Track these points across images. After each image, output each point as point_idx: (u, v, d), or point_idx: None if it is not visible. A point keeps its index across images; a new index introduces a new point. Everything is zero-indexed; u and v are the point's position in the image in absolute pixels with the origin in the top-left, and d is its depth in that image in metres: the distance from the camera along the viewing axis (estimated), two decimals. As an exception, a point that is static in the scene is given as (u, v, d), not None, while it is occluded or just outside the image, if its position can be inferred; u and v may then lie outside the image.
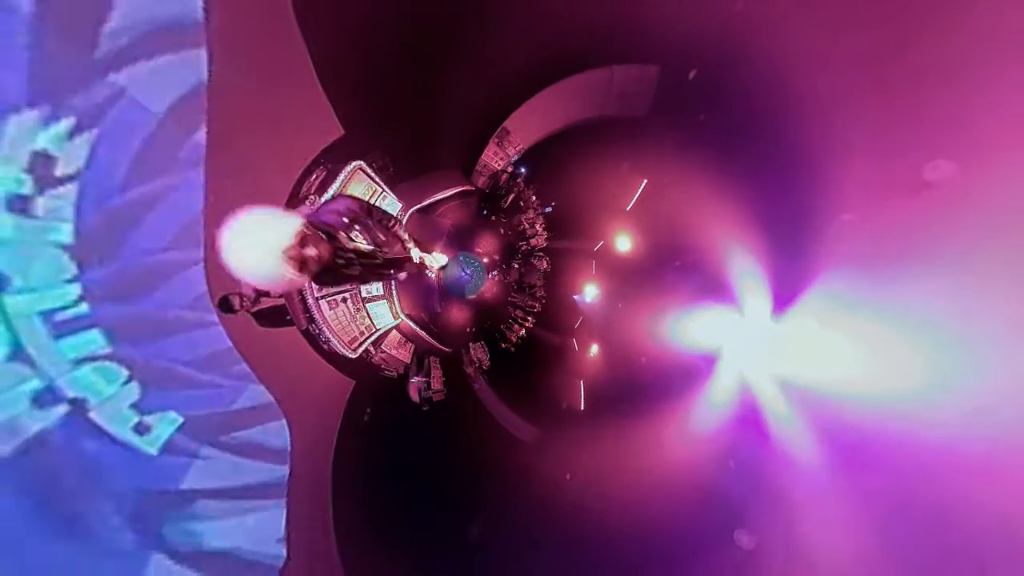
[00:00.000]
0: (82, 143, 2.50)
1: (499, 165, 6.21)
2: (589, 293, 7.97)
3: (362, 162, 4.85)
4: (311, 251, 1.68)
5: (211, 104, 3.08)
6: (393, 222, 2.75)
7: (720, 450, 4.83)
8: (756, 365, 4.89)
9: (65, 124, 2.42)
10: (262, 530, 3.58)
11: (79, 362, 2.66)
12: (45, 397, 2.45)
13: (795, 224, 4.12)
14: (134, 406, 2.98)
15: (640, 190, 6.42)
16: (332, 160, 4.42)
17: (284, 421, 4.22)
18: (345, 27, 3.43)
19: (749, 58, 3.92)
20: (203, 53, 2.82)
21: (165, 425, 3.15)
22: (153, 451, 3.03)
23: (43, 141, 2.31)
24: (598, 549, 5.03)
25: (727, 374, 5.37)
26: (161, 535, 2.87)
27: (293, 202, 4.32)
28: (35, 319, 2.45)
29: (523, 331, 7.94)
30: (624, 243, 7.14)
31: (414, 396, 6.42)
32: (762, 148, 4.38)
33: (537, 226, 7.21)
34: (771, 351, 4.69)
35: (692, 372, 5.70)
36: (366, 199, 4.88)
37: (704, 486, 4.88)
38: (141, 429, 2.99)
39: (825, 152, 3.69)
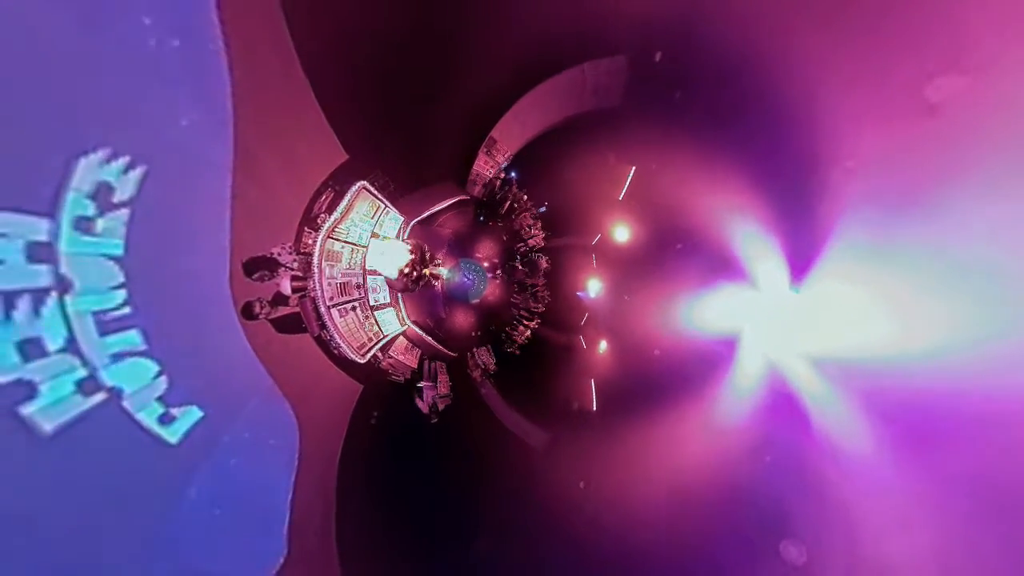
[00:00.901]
0: (133, 177, 3.15)
1: (491, 173, 6.57)
2: (592, 288, 7.70)
3: (365, 182, 5.47)
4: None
5: (236, 143, 3.75)
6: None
7: (753, 444, 4.20)
8: (782, 343, 4.37)
9: (121, 162, 3.09)
10: (266, 525, 3.65)
11: (118, 357, 3.13)
12: (88, 384, 2.90)
13: (797, 180, 3.78)
14: (161, 399, 3.38)
15: (629, 178, 6.38)
16: (339, 182, 5.04)
17: (295, 422, 4.44)
18: (346, 68, 4.09)
19: (712, 18, 3.87)
20: (229, 105, 3.49)
21: (187, 418, 3.51)
22: (173, 440, 3.37)
23: (104, 175, 2.97)
24: (616, 568, 4.38)
25: (751, 357, 4.84)
26: (172, 520, 3.06)
27: (307, 220, 4.95)
28: (87, 318, 2.97)
29: (528, 332, 7.78)
30: (622, 233, 7.01)
31: (423, 408, 6.42)
32: (746, 108, 4.18)
33: (533, 227, 7.35)
34: (796, 325, 4.16)
35: (712, 360, 5.13)
36: (373, 214, 5.51)
37: (740, 488, 4.18)
38: (165, 420, 3.36)
39: (815, 93, 3.38)
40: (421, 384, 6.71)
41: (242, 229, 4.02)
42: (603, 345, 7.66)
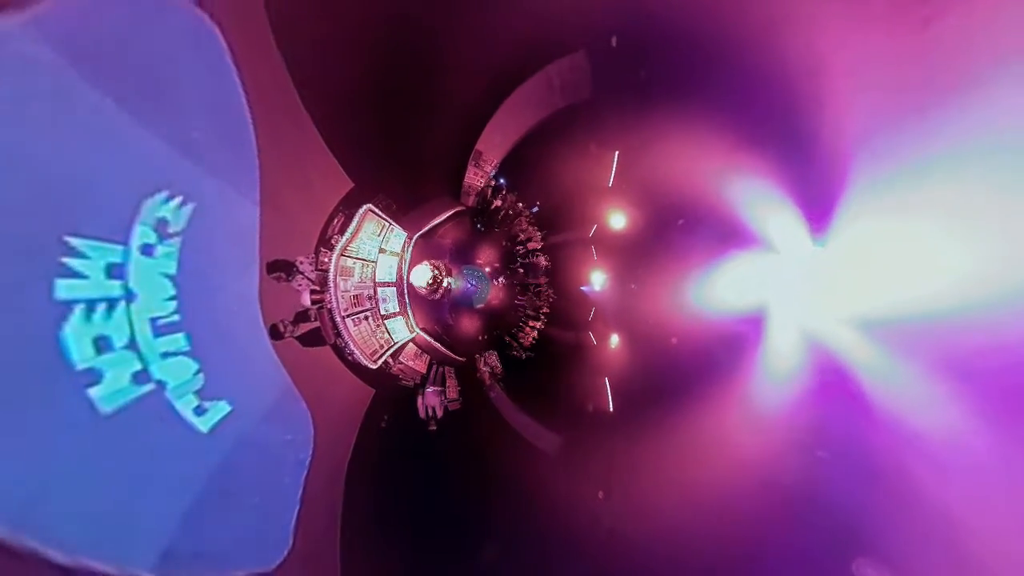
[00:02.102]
0: (184, 213, 4.01)
1: (481, 183, 7.00)
2: (596, 281, 7.40)
3: (370, 204, 6.23)
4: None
5: (261, 180, 4.60)
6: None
7: (802, 437, 3.44)
8: (816, 309, 3.64)
9: (176, 201, 3.96)
10: (277, 516, 3.96)
11: (166, 355, 3.82)
12: (140, 376, 3.57)
13: (788, 125, 3.35)
14: (197, 392, 4.00)
15: (615, 163, 6.29)
16: (347, 207, 5.80)
17: (311, 421, 4.87)
18: (343, 107, 4.89)
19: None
20: (254, 148, 4.35)
21: (217, 411, 4.08)
22: (204, 430, 3.92)
23: (163, 211, 3.83)
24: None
25: (783, 332, 4.06)
26: (193, 500, 3.51)
27: (322, 241, 5.72)
28: (146, 322, 3.71)
29: (535, 333, 7.67)
30: (618, 220, 6.75)
31: (421, 413, 6.56)
32: (714, 66, 3.95)
33: (529, 228, 7.51)
34: (828, 284, 3.46)
35: (738, 343, 4.44)
36: (379, 232, 6.18)
37: (791, 495, 3.39)
38: (199, 411, 3.95)
39: (783, 24, 3.07)
40: (429, 388, 6.95)
41: (269, 252, 4.81)
42: (615, 340, 7.21)
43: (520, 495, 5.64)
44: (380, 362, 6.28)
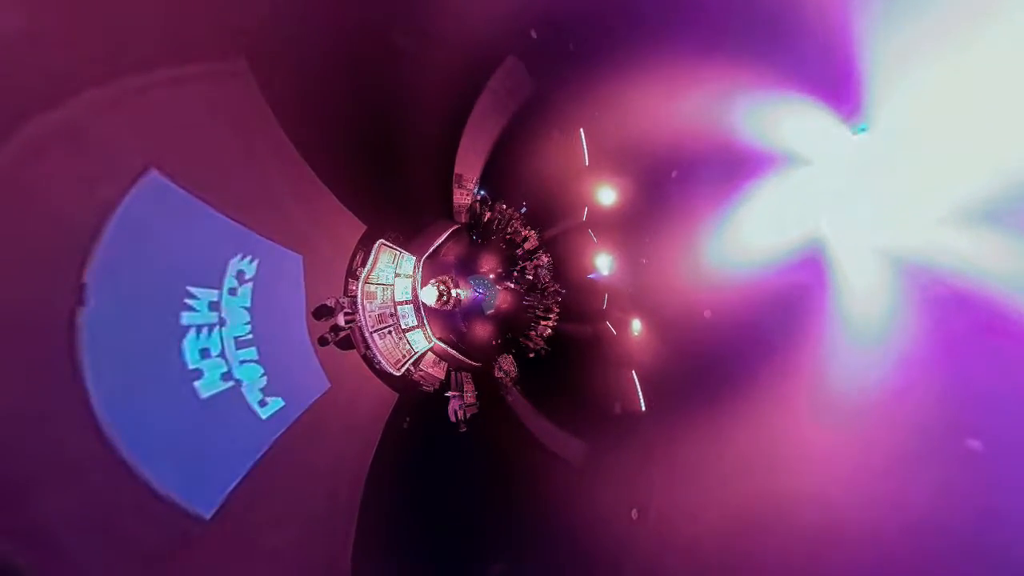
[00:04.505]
0: (253, 266, 5.96)
1: (468, 200, 7.90)
2: (602, 264, 6.87)
3: (382, 239, 7.73)
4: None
5: (300, 238, 6.45)
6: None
7: (922, 419, 2.07)
8: (893, 215, 2.27)
9: (248, 259, 5.96)
10: (302, 499, 5.05)
11: (243, 362, 5.55)
12: (226, 375, 5.29)
13: (758, 8, 2.60)
14: (262, 390, 5.59)
15: (583, 140, 6.04)
16: (364, 244, 7.37)
17: (343, 421, 6.03)
18: (349, 174, 6.52)
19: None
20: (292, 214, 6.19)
21: (274, 405, 5.60)
22: (264, 417, 5.41)
23: (240, 266, 5.81)
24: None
25: (855, 265, 2.68)
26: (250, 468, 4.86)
27: (349, 273, 7.35)
28: (231, 339, 5.55)
29: (548, 331, 7.48)
30: (606, 195, 6.39)
31: (452, 417, 7.09)
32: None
33: (523, 229, 7.73)
34: (896, 179, 2.18)
35: (793, 298, 3.12)
36: (393, 260, 7.52)
37: (915, 513, 2.09)
38: (261, 404, 5.50)
39: None
40: (448, 394, 7.57)
41: (310, 285, 6.53)
42: (636, 326, 6.29)
43: (539, 514, 5.11)
44: (403, 370, 7.32)
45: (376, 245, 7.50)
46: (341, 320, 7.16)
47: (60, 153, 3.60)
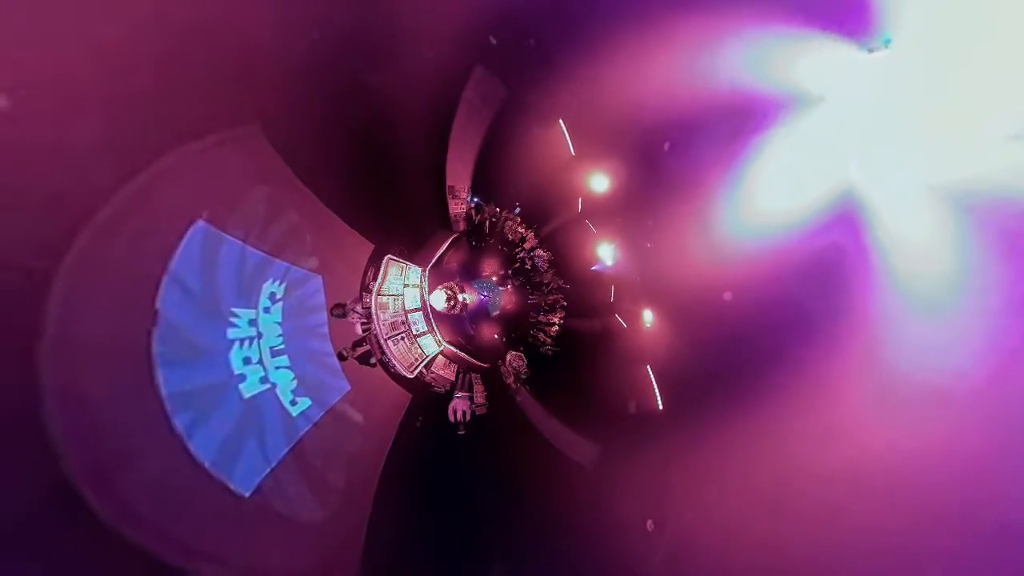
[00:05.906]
0: (282, 288, 7.07)
1: (463, 209, 8.22)
2: (605, 255, 6.60)
3: (389, 255, 8.57)
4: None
5: (319, 261, 7.51)
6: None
7: (1000, 412, 1.66)
8: (942, 150, 1.74)
9: (278, 282, 7.09)
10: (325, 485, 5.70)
11: (277, 367, 6.55)
12: (263, 379, 6.29)
13: None
14: (293, 391, 6.53)
15: (564, 131, 5.96)
16: (374, 261, 8.26)
17: (361, 418, 6.73)
18: (352, 200, 7.50)
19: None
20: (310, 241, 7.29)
21: (302, 404, 6.49)
22: (294, 414, 6.28)
23: (272, 288, 6.94)
24: None
25: (901, 211, 2.10)
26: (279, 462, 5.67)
27: (363, 288, 8.27)
28: (267, 348, 6.60)
29: (555, 329, 7.45)
30: (599, 182, 6.18)
31: (451, 417, 7.38)
32: None
33: (519, 230, 7.93)
34: (940, 99, 1.66)
35: (827, 264, 2.60)
36: (401, 273, 8.31)
37: (988, 522, 1.70)
38: (292, 403, 6.41)
39: None
40: (458, 394, 7.95)
41: (330, 301, 7.53)
42: (648, 316, 5.88)
43: (548, 520, 4.86)
44: (416, 372, 7.94)
45: (384, 260, 8.36)
46: (359, 329, 8.08)
47: (136, 212, 4.94)
